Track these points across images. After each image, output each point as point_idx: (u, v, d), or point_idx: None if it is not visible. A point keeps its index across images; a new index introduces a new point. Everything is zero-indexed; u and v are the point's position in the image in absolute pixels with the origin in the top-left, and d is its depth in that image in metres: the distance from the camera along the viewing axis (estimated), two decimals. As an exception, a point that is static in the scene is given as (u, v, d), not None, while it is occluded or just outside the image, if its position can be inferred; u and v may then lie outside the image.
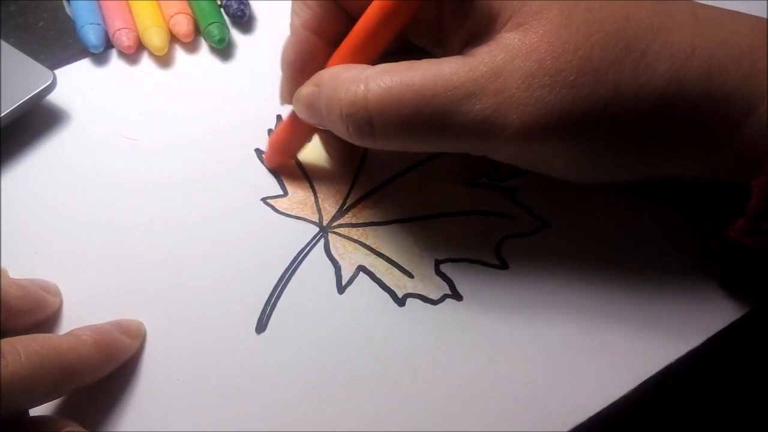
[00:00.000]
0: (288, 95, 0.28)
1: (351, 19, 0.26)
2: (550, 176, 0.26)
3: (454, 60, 0.23)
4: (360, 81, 0.23)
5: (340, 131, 0.25)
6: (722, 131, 0.23)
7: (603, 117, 0.22)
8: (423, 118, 0.23)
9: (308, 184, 0.31)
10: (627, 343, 0.26)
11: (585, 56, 0.22)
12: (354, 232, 0.29)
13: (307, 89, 0.26)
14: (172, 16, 0.35)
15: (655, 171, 0.25)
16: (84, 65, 0.35)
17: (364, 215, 0.30)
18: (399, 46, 0.28)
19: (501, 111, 0.22)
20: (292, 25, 0.27)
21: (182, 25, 0.35)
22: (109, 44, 0.35)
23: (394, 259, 0.28)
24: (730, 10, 0.24)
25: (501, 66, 0.22)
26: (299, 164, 0.31)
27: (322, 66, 0.26)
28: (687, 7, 0.24)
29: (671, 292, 0.27)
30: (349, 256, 0.28)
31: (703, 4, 0.24)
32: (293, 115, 0.28)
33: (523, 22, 0.23)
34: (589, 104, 0.22)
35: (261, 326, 0.26)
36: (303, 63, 0.27)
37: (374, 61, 0.25)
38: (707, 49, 0.22)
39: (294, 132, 0.29)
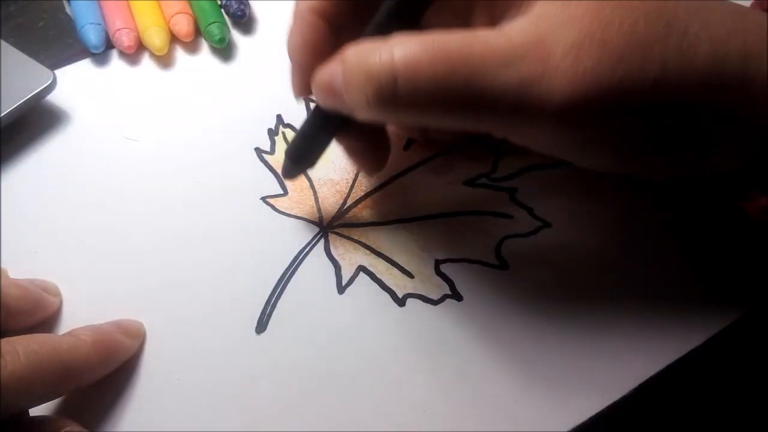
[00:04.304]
0: (300, 86, 0.26)
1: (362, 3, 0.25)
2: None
3: (489, 30, 0.21)
4: (386, 45, 0.21)
5: (359, 102, 0.22)
6: (760, 117, 0.22)
7: (652, 95, 0.21)
8: (457, 80, 0.21)
9: (308, 184, 0.31)
10: (627, 343, 0.26)
11: (630, 30, 0.21)
12: (354, 232, 0.29)
13: (325, 67, 0.24)
14: (172, 16, 0.35)
15: (689, 165, 0.24)
16: (84, 65, 0.35)
17: (364, 215, 0.30)
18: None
19: (546, 80, 0.20)
20: (297, 8, 0.25)
21: (182, 25, 0.35)
22: (109, 44, 0.35)
23: (394, 259, 0.28)
24: (742, 5, 0.24)
25: (543, 35, 0.21)
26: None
27: (329, 54, 0.24)
28: None
29: (671, 291, 0.27)
30: (349, 256, 0.28)
31: None
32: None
33: None
34: (637, 80, 0.21)
35: (261, 326, 0.26)
36: (312, 50, 0.25)
37: None
38: (741, 32, 0.22)
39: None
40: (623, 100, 0.21)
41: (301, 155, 0.28)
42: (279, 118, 0.33)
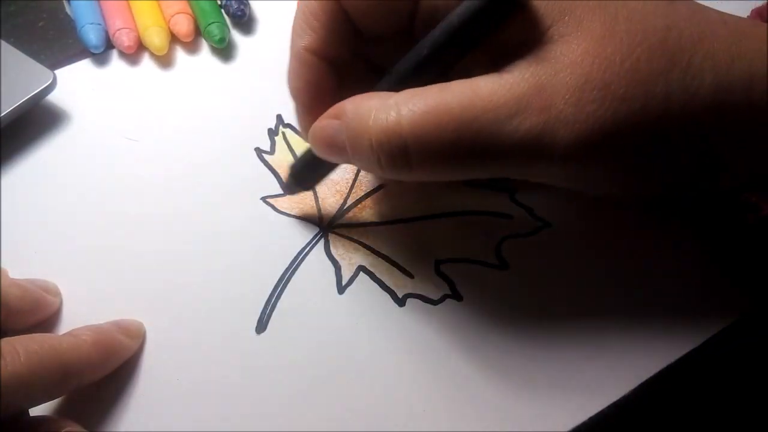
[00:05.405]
0: (309, 128, 0.25)
1: (359, 41, 0.25)
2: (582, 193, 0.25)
3: (489, 78, 0.22)
4: (389, 107, 0.22)
5: (370, 164, 0.23)
6: (766, 140, 0.22)
7: (656, 131, 0.21)
8: (465, 142, 0.21)
9: (308, 184, 0.31)
10: (627, 343, 0.26)
11: (632, 68, 0.21)
12: (354, 232, 0.29)
13: (324, 122, 0.24)
14: (172, 16, 0.35)
15: (699, 186, 0.24)
16: (84, 65, 0.35)
17: (364, 215, 0.30)
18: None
19: (550, 128, 0.21)
20: (293, 47, 0.25)
21: (182, 25, 0.35)
22: (109, 44, 0.35)
23: (394, 259, 0.28)
24: (750, 19, 0.24)
25: (544, 81, 0.21)
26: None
27: (331, 92, 0.25)
28: (717, 16, 0.23)
29: (671, 292, 0.27)
30: (349, 256, 0.28)
31: (728, 13, 0.23)
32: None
33: (564, 34, 0.21)
34: (641, 118, 0.21)
35: (261, 326, 0.26)
36: (315, 90, 0.25)
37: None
38: (745, 58, 0.21)
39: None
40: (628, 139, 0.21)
41: (305, 177, 0.28)
42: (279, 118, 0.33)
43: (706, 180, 0.23)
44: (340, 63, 0.25)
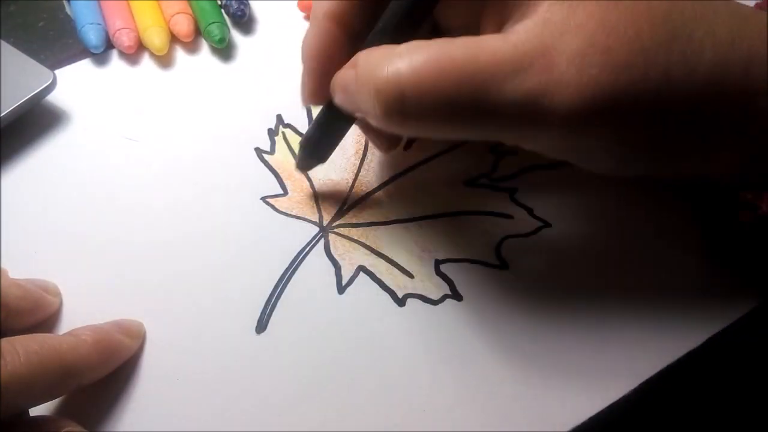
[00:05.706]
0: (310, 93, 0.26)
1: (379, 10, 0.25)
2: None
3: (494, 37, 0.22)
4: (393, 56, 0.21)
5: (370, 113, 0.23)
6: (761, 125, 0.22)
7: (655, 103, 0.21)
8: (464, 94, 0.21)
9: (308, 184, 0.31)
10: (627, 343, 0.26)
11: (635, 36, 0.21)
12: (354, 232, 0.29)
13: (342, 72, 0.24)
14: (172, 16, 0.35)
15: (692, 167, 0.24)
16: (84, 65, 0.35)
17: (364, 215, 0.30)
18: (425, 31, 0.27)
19: (551, 90, 0.20)
20: (313, 13, 0.25)
21: (182, 25, 0.35)
22: (109, 44, 0.35)
23: (394, 259, 0.28)
24: (752, 7, 0.24)
25: (549, 42, 0.21)
26: (299, 164, 0.31)
27: (342, 61, 0.25)
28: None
29: (671, 292, 0.27)
30: (349, 256, 0.28)
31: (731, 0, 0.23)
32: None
33: None
34: (641, 88, 0.21)
35: (261, 326, 0.26)
36: (326, 57, 0.25)
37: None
38: (746, 39, 0.22)
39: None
40: (626, 107, 0.21)
41: (317, 147, 0.28)
42: (279, 118, 0.33)
43: (698, 160, 0.23)
44: (358, 34, 0.25)
